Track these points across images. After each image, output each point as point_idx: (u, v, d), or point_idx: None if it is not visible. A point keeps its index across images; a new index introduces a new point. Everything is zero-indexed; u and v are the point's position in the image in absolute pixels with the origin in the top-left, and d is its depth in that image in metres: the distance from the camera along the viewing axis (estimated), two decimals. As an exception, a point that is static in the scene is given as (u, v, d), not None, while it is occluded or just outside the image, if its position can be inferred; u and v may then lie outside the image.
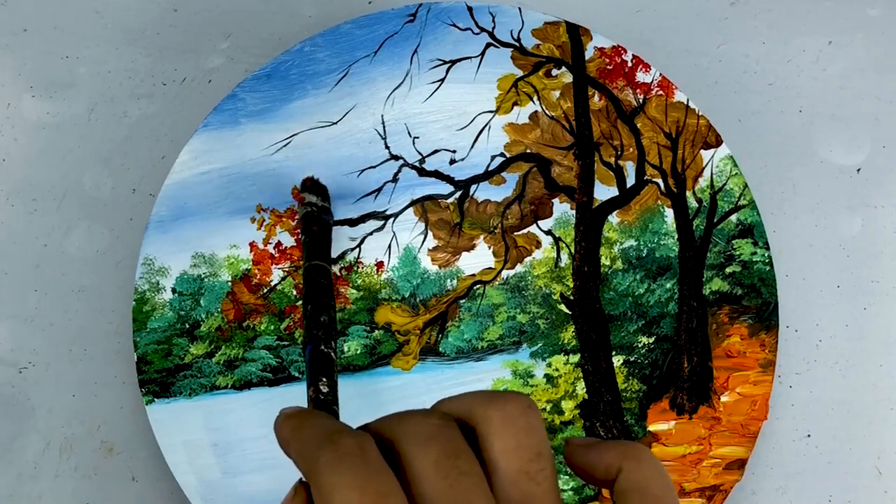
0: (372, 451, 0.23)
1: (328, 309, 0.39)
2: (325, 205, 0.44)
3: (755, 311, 0.46)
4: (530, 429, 0.24)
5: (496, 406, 0.24)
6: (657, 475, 0.26)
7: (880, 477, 0.47)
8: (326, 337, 0.38)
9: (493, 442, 0.24)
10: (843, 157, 0.49)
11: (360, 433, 0.24)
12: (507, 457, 0.24)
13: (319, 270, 0.40)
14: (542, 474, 0.24)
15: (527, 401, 0.25)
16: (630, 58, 0.47)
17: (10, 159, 0.49)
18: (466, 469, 0.24)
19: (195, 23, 0.50)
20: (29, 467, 0.46)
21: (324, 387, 0.35)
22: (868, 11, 0.51)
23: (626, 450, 0.26)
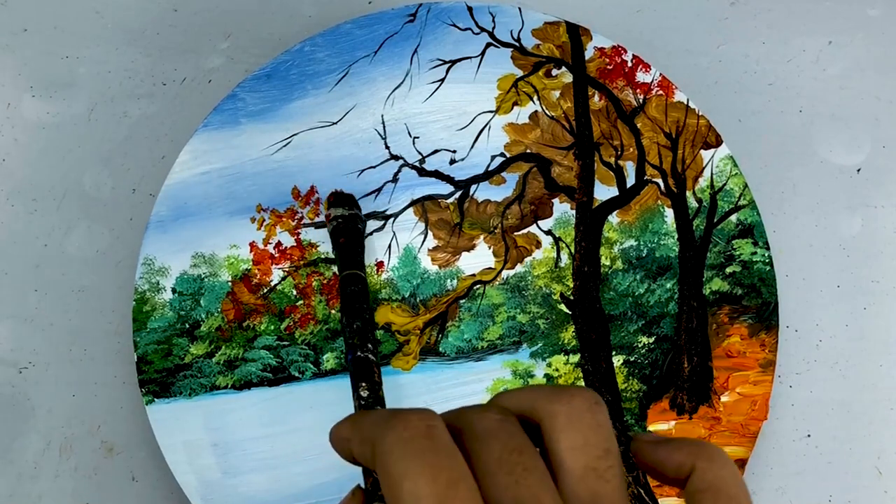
0: (441, 431, 0.23)
1: (360, 314, 0.39)
2: (353, 212, 0.44)
3: (755, 311, 0.46)
4: (598, 425, 0.24)
5: (562, 401, 0.24)
6: (731, 475, 0.25)
7: (880, 477, 0.47)
8: (361, 342, 0.38)
9: (560, 438, 0.24)
10: (843, 157, 0.49)
11: (426, 412, 0.23)
12: (574, 454, 0.23)
13: (351, 279, 0.40)
14: (610, 472, 0.23)
15: (594, 396, 0.24)
16: (630, 58, 0.47)
17: (10, 159, 0.49)
18: (531, 465, 0.23)
19: (195, 23, 0.50)
20: (29, 467, 0.46)
21: (363, 391, 0.35)
22: (868, 11, 0.51)
23: (699, 449, 0.26)
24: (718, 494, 0.25)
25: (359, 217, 0.44)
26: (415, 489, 0.21)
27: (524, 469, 0.23)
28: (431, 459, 0.22)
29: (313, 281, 0.46)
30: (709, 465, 0.25)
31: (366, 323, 0.38)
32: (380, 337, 0.46)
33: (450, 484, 0.21)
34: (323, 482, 0.44)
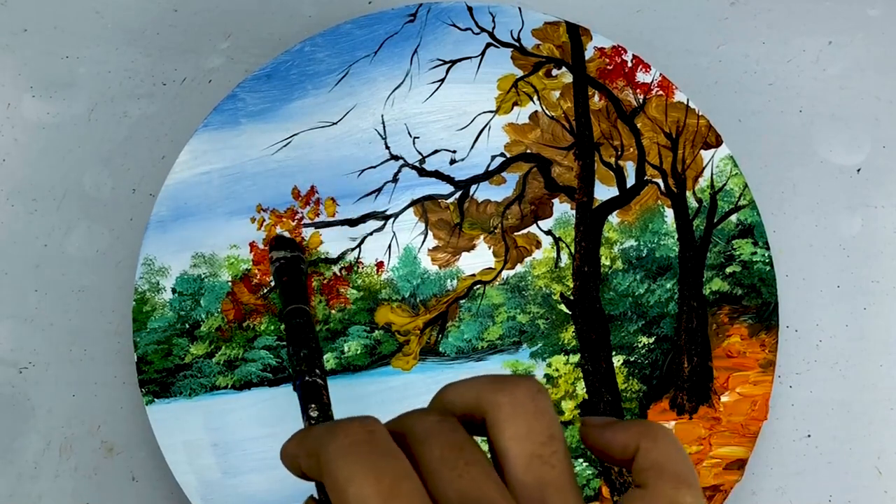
0: (382, 435, 0.23)
1: (306, 343, 0.40)
2: (296, 254, 0.44)
3: (755, 311, 0.46)
4: (540, 412, 0.24)
5: (505, 392, 0.24)
6: (675, 452, 0.25)
7: (880, 477, 0.47)
8: (310, 367, 0.39)
9: (504, 428, 0.24)
10: (843, 157, 0.49)
11: (367, 418, 0.24)
12: (518, 442, 0.24)
13: (295, 312, 0.41)
14: (555, 457, 0.23)
15: (535, 384, 0.24)
16: (630, 58, 0.47)
17: (10, 159, 0.49)
18: (472, 459, 0.23)
19: (195, 23, 0.50)
20: (29, 467, 0.46)
21: (313, 412, 0.37)
22: (868, 11, 0.51)
23: (643, 429, 0.26)
24: (662, 471, 0.25)
25: (301, 259, 0.44)
26: (360, 492, 0.22)
27: (466, 463, 0.23)
28: (374, 461, 0.22)
29: (313, 281, 0.46)
30: (653, 444, 0.25)
31: (312, 351, 0.40)
32: (379, 337, 0.46)
33: (393, 483, 0.22)
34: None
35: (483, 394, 0.25)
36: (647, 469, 0.25)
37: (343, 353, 0.46)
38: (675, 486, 0.24)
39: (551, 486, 0.23)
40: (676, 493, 0.24)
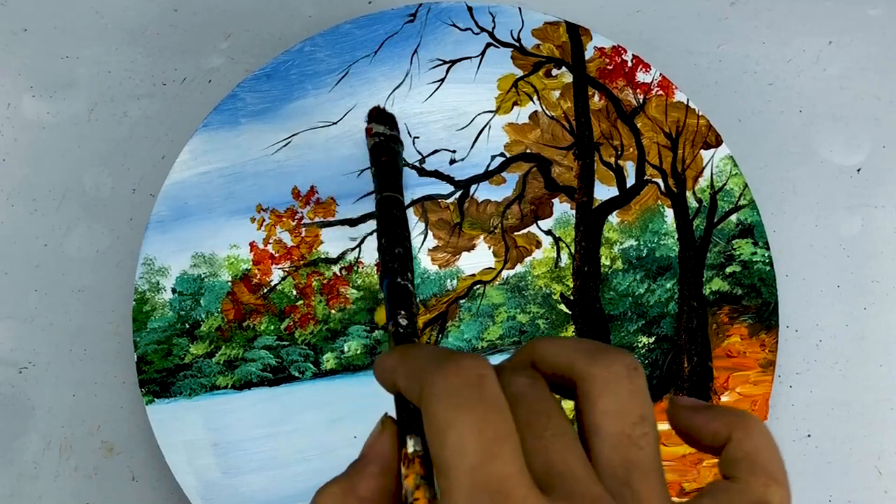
0: (492, 382, 0.22)
1: (402, 241, 0.36)
2: (394, 133, 0.42)
3: (755, 311, 0.46)
4: (635, 391, 0.23)
5: (601, 365, 0.23)
6: (768, 447, 0.25)
7: (880, 477, 0.47)
8: (402, 269, 0.35)
9: (596, 402, 0.23)
10: (843, 157, 0.49)
11: (479, 359, 0.22)
12: (609, 419, 0.23)
13: (391, 201, 0.38)
14: (645, 439, 0.23)
15: (633, 361, 0.24)
16: (630, 58, 0.47)
17: (10, 159, 0.49)
18: (560, 431, 0.23)
19: (195, 23, 0.50)
20: (29, 467, 0.46)
21: (402, 319, 0.32)
22: (868, 11, 0.51)
23: (737, 419, 0.25)
24: (754, 465, 0.24)
25: (398, 139, 0.41)
26: (459, 441, 0.21)
27: (553, 434, 0.22)
28: (480, 411, 0.21)
29: (313, 281, 0.46)
30: (746, 436, 0.25)
31: (406, 251, 0.36)
32: (380, 337, 0.46)
33: (496, 441, 0.21)
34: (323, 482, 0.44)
35: (577, 362, 0.24)
36: (738, 461, 0.24)
37: (343, 353, 0.46)
38: (766, 482, 0.24)
39: (638, 468, 0.22)
40: (766, 490, 0.24)
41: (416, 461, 0.24)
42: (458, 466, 0.21)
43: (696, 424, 0.26)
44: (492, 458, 0.20)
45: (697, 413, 0.26)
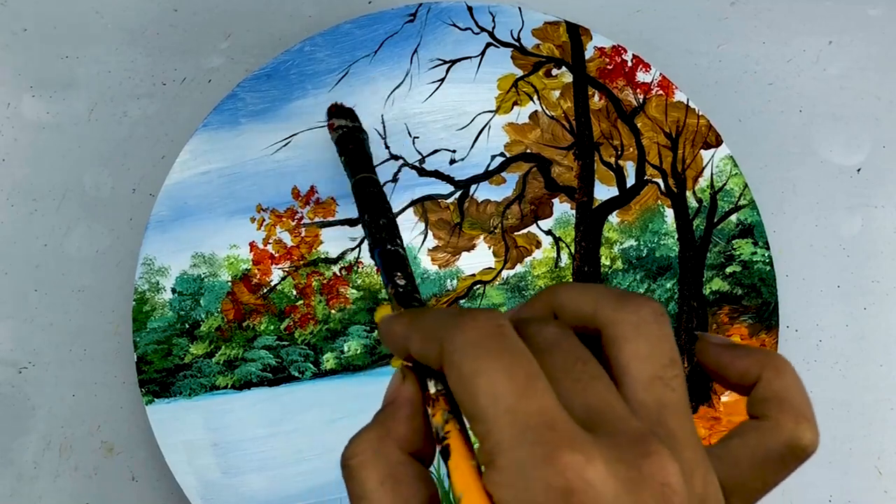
0: (511, 331, 0.22)
1: (385, 212, 0.38)
2: (357, 124, 0.43)
3: (755, 311, 0.46)
4: (663, 336, 0.23)
5: (628, 310, 0.24)
6: (797, 387, 0.25)
7: (880, 477, 0.47)
8: (390, 237, 0.36)
9: (625, 347, 0.23)
10: (843, 157, 0.49)
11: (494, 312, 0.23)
12: (639, 363, 0.23)
13: (367, 182, 0.39)
14: (676, 381, 0.23)
15: (659, 307, 0.24)
16: (630, 58, 0.47)
17: (10, 159, 0.49)
18: (596, 374, 0.23)
19: (195, 23, 0.50)
20: (29, 467, 0.46)
21: (400, 280, 0.33)
22: (868, 11, 0.51)
23: (766, 358, 0.25)
24: (783, 404, 0.25)
25: (361, 129, 0.43)
26: (491, 385, 0.21)
27: (590, 377, 0.23)
28: (506, 358, 0.21)
29: (313, 281, 0.46)
30: (775, 375, 0.25)
31: (390, 221, 0.37)
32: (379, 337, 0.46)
33: (528, 381, 0.21)
34: (323, 482, 0.44)
35: (603, 308, 0.24)
36: (768, 400, 0.25)
37: (343, 353, 0.46)
38: (796, 420, 0.24)
39: (670, 408, 0.23)
40: (797, 427, 0.24)
41: (441, 399, 0.24)
42: (495, 411, 0.21)
43: (725, 362, 0.26)
44: (529, 396, 0.21)
45: (727, 350, 0.26)
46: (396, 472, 0.23)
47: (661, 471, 0.21)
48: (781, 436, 0.24)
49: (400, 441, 0.24)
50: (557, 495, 0.20)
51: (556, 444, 0.20)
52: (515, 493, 0.20)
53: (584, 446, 0.20)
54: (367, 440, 0.24)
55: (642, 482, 0.20)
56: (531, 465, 0.20)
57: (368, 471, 0.23)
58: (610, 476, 0.20)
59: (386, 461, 0.23)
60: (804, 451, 0.25)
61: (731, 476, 0.24)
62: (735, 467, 0.25)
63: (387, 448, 0.24)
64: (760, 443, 0.25)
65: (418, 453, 0.24)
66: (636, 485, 0.20)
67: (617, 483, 0.20)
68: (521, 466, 0.20)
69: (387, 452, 0.23)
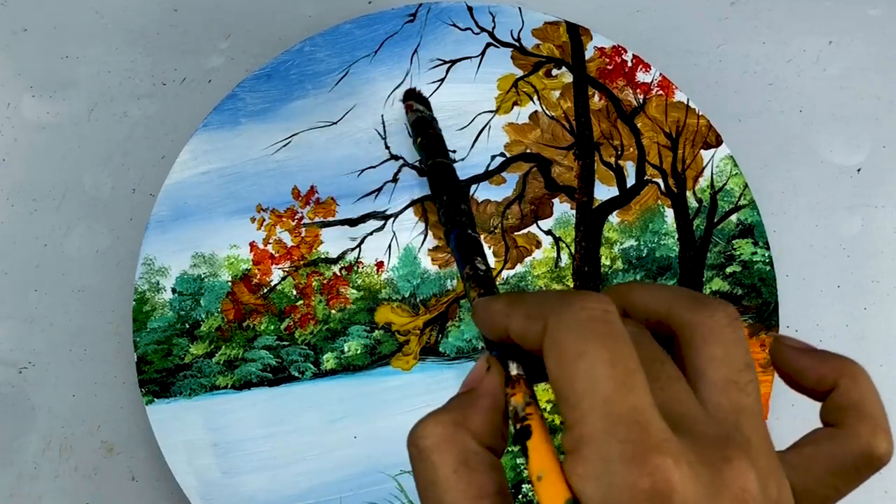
0: (618, 319, 0.22)
1: (466, 199, 0.38)
2: (432, 114, 0.44)
3: (755, 311, 0.46)
4: (738, 340, 0.23)
5: (704, 314, 0.24)
6: (874, 396, 0.25)
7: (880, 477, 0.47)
8: (470, 223, 0.36)
9: (701, 349, 0.23)
10: (843, 157, 0.49)
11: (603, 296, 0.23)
12: (716, 365, 0.23)
13: (445, 167, 0.40)
14: (751, 385, 0.23)
15: (734, 311, 0.24)
16: (630, 58, 0.47)
17: (10, 159, 0.49)
18: (674, 375, 0.23)
19: (195, 23, 0.50)
20: (29, 467, 0.46)
21: (481, 265, 0.32)
22: (868, 11, 0.51)
23: (844, 365, 0.25)
24: (861, 414, 0.24)
25: (436, 119, 0.44)
26: (592, 370, 0.21)
27: (668, 378, 0.23)
28: (610, 345, 0.21)
29: (313, 281, 0.46)
30: (853, 384, 0.25)
31: (470, 210, 0.37)
32: (379, 337, 0.46)
33: (628, 372, 0.21)
34: (323, 482, 0.44)
35: (678, 309, 0.24)
36: (846, 409, 0.25)
37: (343, 353, 0.46)
38: (873, 430, 0.24)
39: (745, 412, 0.23)
40: (873, 437, 0.24)
41: (521, 382, 0.24)
42: (592, 397, 0.20)
43: (802, 366, 0.26)
44: (627, 390, 0.20)
45: (803, 355, 0.26)
46: (470, 460, 0.23)
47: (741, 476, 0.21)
48: (858, 445, 0.24)
49: (475, 432, 0.23)
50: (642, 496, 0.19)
51: (646, 443, 0.20)
52: (598, 487, 0.20)
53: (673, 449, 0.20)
54: (443, 423, 0.23)
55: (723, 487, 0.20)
56: (619, 462, 0.20)
57: (442, 455, 0.23)
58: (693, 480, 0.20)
59: (461, 447, 0.23)
60: (879, 461, 0.25)
61: (804, 483, 0.24)
62: (808, 474, 0.25)
63: (461, 435, 0.23)
64: (836, 451, 0.25)
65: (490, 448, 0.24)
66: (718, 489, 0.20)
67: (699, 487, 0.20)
68: (609, 461, 0.20)
69: (461, 439, 0.23)
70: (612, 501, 0.20)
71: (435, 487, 0.22)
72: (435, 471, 0.22)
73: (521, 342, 0.23)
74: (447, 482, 0.22)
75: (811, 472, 0.25)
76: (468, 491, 0.22)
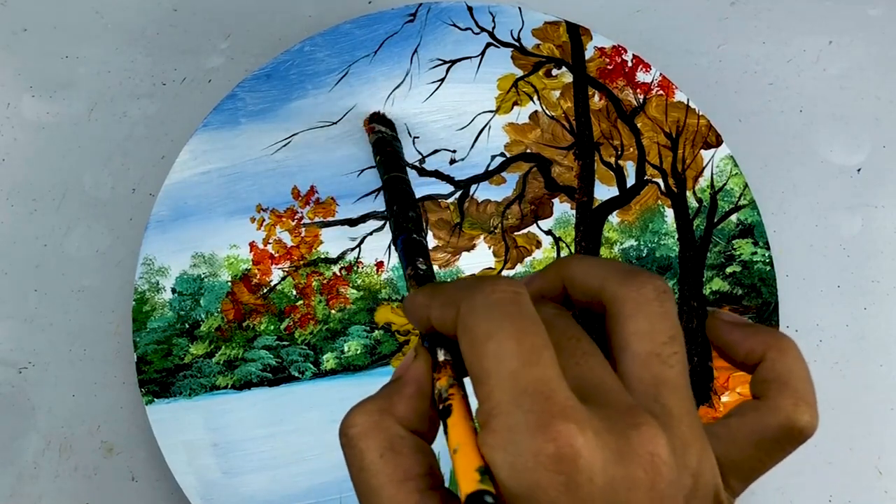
0: (527, 300, 0.23)
1: (414, 207, 0.40)
2: (394, 134, 0.45)
3: (755, 311, 0.46)
4: (665, 313, 0.24)
5: (632, 287, 0.24)
6: (800, 369, 0.25)
7: (880, 477, 0.47)
8: (416, 228, 0.38)
9: (626, 323, 0.24)
10: (843, 157, 0.49)
11: (513, 280, 0.23)
12: (638, 339, 0.23)
13: (399, 180, 0.41)
14: (674, 357, 0.23)
15: (662, 284, 0.24)
16: (630, 58, 0.47)
17: (10, 159, 0.49)
18: (589, 350, 0.23)
19: (195, 23, 0.50)
20: (29, 467, 0.46)
21: (421, 265, 0.34)
22: (868, 11, 0.51)
23: (772, 339, 0.26)
24: (783, 386, 0.25)
25: (397, 139, 0.45)
26: (499, 349, 0.21)
27: (584, 353, 0.23)
28: (518, 323, 0.22)
29: (313, 281, 0.46)
30: (780, 356, 0.25)
31: (418, 216, 0.39)
32: (379, 337, 0.46)
33: (534, 349, 0.21)
34: (323, 482, 0.44)
35: (609, 284, 0.24)
36: (770, 381, 0.25)
37: (343, 353, 0.46)
38: (795, 403, 0.24)
39: (667, 385, 0.23)
40: (795, 409, 0.24)
41: (447, 367, 0.25)
42: (499, 373, 0.21)
43: (733, 340, 0.26)
44: (532, 364, 0.21)
45: (735, 328, 0.26)
46: (396, 444, 0.23)
47: (650, 441, 0.21)
48: (778, 417, 0.25)
49: (400, 417, 0.24)
50: (547, 461, 0.20)
51: (550, 412, 0.20)
52: (505, 456, 0.21)
53: (577, 416, 0.21)
54: (368, 411, 0.24)
55: (631, 452, 0.21)
56: (524, 431, 0.20)
57: (368, 441, 0.23)
58: (599, 446, 0.20)
59: (387, 433, 0.24)
60: (801, 434, 0.25)
61: (729, 454, 0.25)
62: (732, 446, 0.25)
63: (387, 421, 0.24)
64: (758, 423, 0.25)
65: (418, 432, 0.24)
66: (625, 455, 0.21)
67: (606, 453, 0.21)
68: (515, 431, 0.21)
69: (387, 425, 0.24)
70: (519, 468, 0.20)
71: (363, 473, 0.23)
72: (362, 456, 0.23)
73: (442, 330, 0.24)
74: (374, 466, 0.23)
75: (735, 443, 0.25)
76: (394, 474, 0.23)
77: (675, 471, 0.21)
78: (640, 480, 0.21)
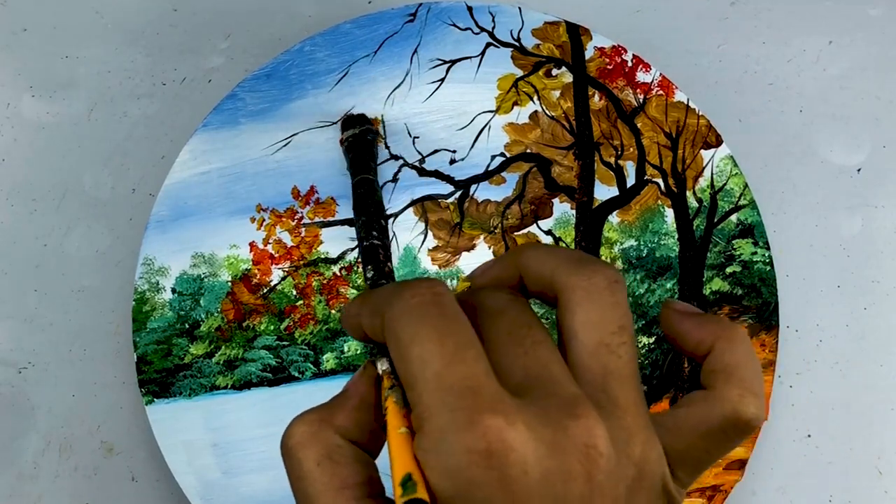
0: (448, 299, 0.23)
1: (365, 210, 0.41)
2: (365, 127, 0.45)
3: (755, 311, 0.46)
4: (615, 303, 0.24)
5: (582, 276, 0.24)
6: (747, 359, 0.25)
7: (880, 477, 0.47)
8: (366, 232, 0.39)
9: (576, 312, 0.24)
10: (843, 157, 0.49)
11: (433, 280, 0.23)
12: (587, 328, 0.23)
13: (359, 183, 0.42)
14: (623, 348, 0.23)
15: (614, 273, 0.24)
16: (630, 58, 0.47)
17: (10, 159, 0.49)
18: (539, 339, 0.23)
19: (195, 23, 0.50)
20: (29, 467, 0.46)
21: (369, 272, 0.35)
22: (868, 11, 0.51)
23: (721, 329, 0.26)
24: (731, 377, 0.25)
25: (369, 130, 0.45)
26: (422, 353, 0.21)
27: (533, 342, 0.23)
28: (439, 324, 0.22)
29: (313, 281, 0.46)
30: (727, 346, 0.25)
31: (370, 216, 0.40)
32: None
33: (457, 348, 0.21)
34: (323, 482, 0.44)
35: (559, 273, 0.24)
36: (717, 372, 0.25)
37: (343, 353, 0.46)
38: (741, 394, 0.24)
39: (614, 374, 0.23)
40: (740, 400, 0.24)
41: (386, 377, 0.25)
42: (424, 375, 0.21)
43: (684, 329, 0.26)
44: (455, 362, 0.21)
45: (687, 318, 0.26)
46: (333, 453, 0.24)
47: (586, 433, 0.21)
48: (724, 408, 0.25)
49: (339, 427, 0.24)
50: (478, 458, 0.20)
51: (477, 408, 0.20)
52: (438, 457, 0.21)
53: (507, 410, 0.21)
54: (308, 422, 0.25)
55: (566, 444, 0.21)
56: (453, 430, 0.20)
57: (306, 451, 0.24)
58: (532, 438, 0.20)
59: (325, 443, 0.24)
60: (747, 425, 0.25)
61: (676, 445, 0.25)
62: (679, 436, 0.25)
63: (325, 431, 0.24)
64: (704, 413, 0.25)
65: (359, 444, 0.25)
66: (559, 447, 0.21)
67: (539, 445, 0.20)
68: (444, 431, 0.21)
69: (325, 435, 0.24)
70: (453, 468, 0.20)
71: (301, 482, 0.24)
72: (300, 466, 0.24)
73: (375, 339, 0.24)
74: (311, 475, 0.23)
75: (682, 434, 0.25)
76: (331, 482, 0.23)
77: (614, 461, 0.21)
78: (576, 472, 0.21)
